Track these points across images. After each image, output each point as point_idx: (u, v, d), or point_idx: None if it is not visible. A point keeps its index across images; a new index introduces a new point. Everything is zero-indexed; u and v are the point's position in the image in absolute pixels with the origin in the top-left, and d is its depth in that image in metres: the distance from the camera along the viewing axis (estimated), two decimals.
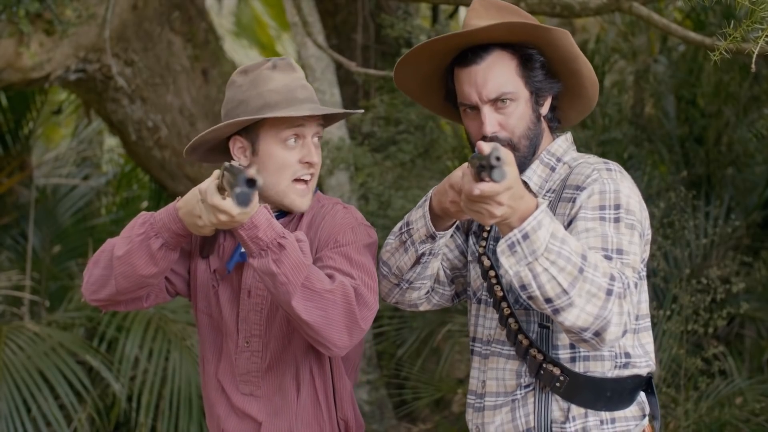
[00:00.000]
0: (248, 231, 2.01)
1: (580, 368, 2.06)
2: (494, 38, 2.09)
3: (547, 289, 1.79)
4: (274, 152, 2.22)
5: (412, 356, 5.15)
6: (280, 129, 2.22)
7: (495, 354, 2.15)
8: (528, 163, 2.13)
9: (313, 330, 2.05)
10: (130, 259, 2.14)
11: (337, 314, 2.04)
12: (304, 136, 2.23)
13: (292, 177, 2.23)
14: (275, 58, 2.32)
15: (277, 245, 2.01)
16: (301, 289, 2.01)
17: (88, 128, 6.87)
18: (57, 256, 5.85)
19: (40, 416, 4.38)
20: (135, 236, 2.14)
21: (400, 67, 2.22)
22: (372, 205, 4.85)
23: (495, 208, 1.73)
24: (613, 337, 1.87)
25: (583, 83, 2.16)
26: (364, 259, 2.17)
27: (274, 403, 2.26)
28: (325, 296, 2.03)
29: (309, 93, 2.26)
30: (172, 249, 2.15)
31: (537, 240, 1.77)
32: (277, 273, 2.00)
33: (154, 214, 2.16)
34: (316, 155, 2.25)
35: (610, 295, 1.83)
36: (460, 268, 2.30)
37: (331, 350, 2.09)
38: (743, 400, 4.29)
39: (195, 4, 5.41)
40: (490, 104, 2.09)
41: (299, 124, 2.22)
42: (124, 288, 2.18)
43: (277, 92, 2.22)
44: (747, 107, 5.35)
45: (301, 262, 2.02)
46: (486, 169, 1.66)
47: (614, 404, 2.07)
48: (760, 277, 4.83)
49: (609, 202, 2.00)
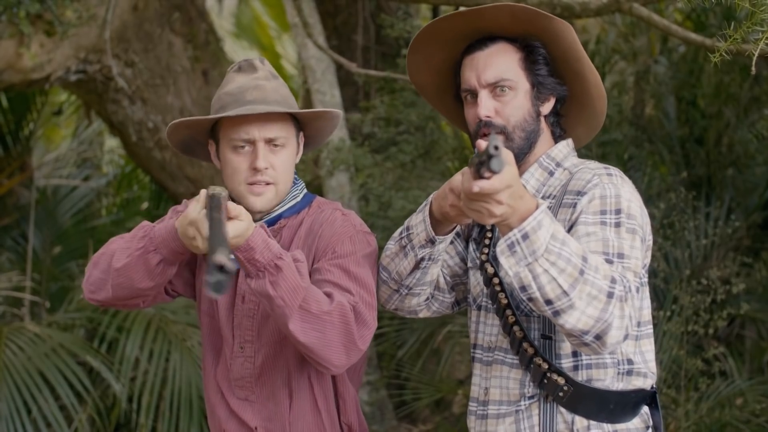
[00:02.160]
0: (245, 253, 1.98)
1: (583, 377, 2.05)
2: (499, 27, 2.10)
3: (547, 291, 1.78)
4: (227, 157, 2.20)
5: (412, 357, 5.15)
6: (230, 133, 2.18)
7: (498, 362, 2.14)
8: (523, 158, 2.13)
9: (311, 351, 2.03)
10: (128, 272, 2.13)
11: (335, 335, 2.02)
12: (254, 141, 2.17)
13: (244, 182, 2.19)
14: (247, 58, 2.29)
15: (274, 266, 1.98)
16: (298, 312, 2.00)
17: (88, 129, 6.87)
18: (57, 257, 5.85)
19: (40, 417, 4.38)
20: (134, 249, 2.13)
21: (411, 57, 2.22)
22: (372, 206, 4.85)
23: (494, 207, 1.72)
24: (614, 341, 1.85)
25: (589, 91, 2.15)
26: (363, 271, 2.14)
27: (268, 409, 2.25)
28: (323, 318, 2.01)
29: (261, 93, 2.18)
30: (171, 264, 2.13)
31: (537, 240, 1.76)
32: (274, 296, 1.98)
33: (155, 227, 2.15)
34: (263, 160, 2.16)
35: (611, 297, 1.82)
36: (460, 275, 2.29)
37: (330, 370, 2.08)
38: (744, 400, 4.29)
39: (195, 5, 5.41)
40: (489, 90, 2.10)
41: (245, 128, 2.16)
42: (121, 296, 2.19)
43: (230, 94, 2.19)
44: (747, 108, 5.36)
45: (298, 284, 1.99)
46: (485, 162, 1.65)
47: (617, 416, 2.06)
48: (760, 277, 4.83)
49: (610, 206, 1.99)
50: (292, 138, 2.24)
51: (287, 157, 2.22)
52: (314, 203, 2.31)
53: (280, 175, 2.21)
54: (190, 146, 2.33)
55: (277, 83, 2.23)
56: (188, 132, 2.27)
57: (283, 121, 2.20)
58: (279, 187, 2.22)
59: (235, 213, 1.97)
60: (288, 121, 2.22)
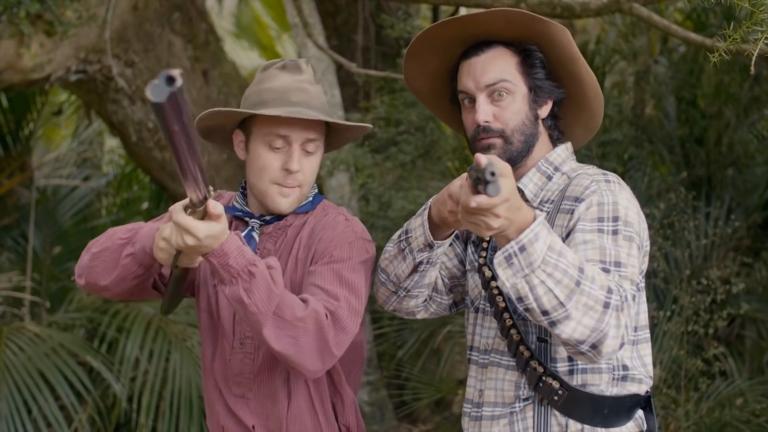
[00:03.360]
0: (219, 258, 1.96)
1: (578, 381, 2.05)
2: (496, 33, 2.10)
3: (543, 302, 1.79)
4: (259, 152, 2.20)
5: (412, 357, 5.15)
6: (268, 129, 2.18)
7: (494, 364, 2.14)
8: (521, 162, 2.13)
9: (285, 357, 2.03)
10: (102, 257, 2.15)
11: (309, 342, 2.02)
12: (291, 142, 2.18)
13: (271, 181, 2.19)
14: (293, 59, 2.29)
15: (247, 273, 1.96)
16: (272, 318, 1.99)
17: (88, 129, 6.88)
18: (57, 257, 5.85)
19: (40, 417, 4.38)
20: (116, 239, 2.14)
21: (408, 63, 2.22)
22: (372, 206, 4.85)
23: (492, 220, 1.72)
24: (610, 350, 1.86)
25: (586, 92, 2.15)
26: (356, 277, 2.14)
27: (265, 408, 2.25)
28: (296, 324, 2.00)
29: (305, 97, 2.19)
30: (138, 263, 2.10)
31: (534, 252, 1.76)
32: (248, 303, 1.97)
33: (144, 225, 2.16)
34: (297, 163, 2.18)
35: (607, 308, 1.82)
36: (458, 277, 2.29)
37: (305, 375, 2.08)
38: (744, 400, 4.30)
39: (195, 5, 5.41)
40: (487, 94, 2.10)
41: (286, 128, 2.17)
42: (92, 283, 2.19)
43: (272, 91, 2.19)
44: (747, 108, 5.36)
45: (272, 291, 1.98)
46: (482, 182, 1.66)
47: (611, 421, 2.07)
48: (760, 277, 4.83)
49: (607, 214, 1.99)
50: (321, 144, 2.26)
51: (316, 162, 2.25)
52: (320, 206, 2.31)
53: (307, 180, 2.23)
54: (212, 132, 2.33)
55: (318, 89, 2.25)
56: (221, 120, 2.26)
57: (319, 128, 2.22)
58: (303, 191, 2.24)
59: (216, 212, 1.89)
60: (322, 128, 2.24)
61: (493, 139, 2.09)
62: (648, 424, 2.12)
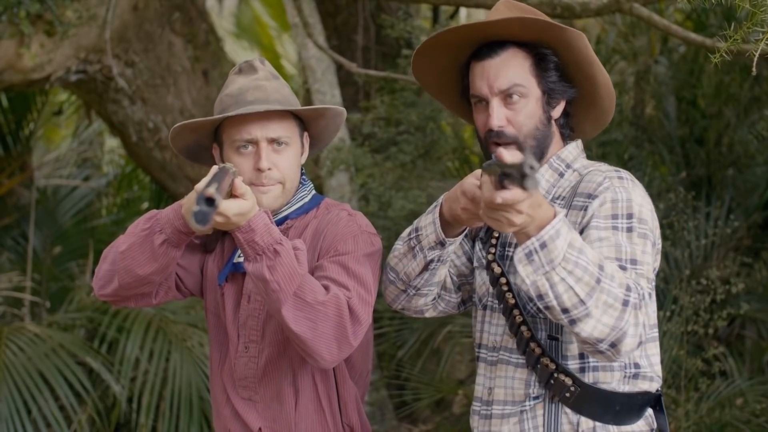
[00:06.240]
0: (245, 234, 1.98)
1: (590, 379, 2.05)
2: (509, 34, 2.09)
3: (564, 299, 1.78)
4: (231, 159, 2.19)
5: (412, 357, 5.15)
6: (233, 136, 2.18)
7: (503, 362, 2.13)
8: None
9: (301, 341, 2.02)
10: (132, 254, 2.12)
11: (327, 327, 2.01)
12: (257, 142, 2.17)
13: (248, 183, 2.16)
14: (247, 60, 2.28)
15: (272, 251, 1.98)
16: (292, 299, 1.99)
17: (88, 129, 6.88)
18: (57, 257, 5.85)
19: (40, 417, 4.38)
20: (139, 231, 2.13)
21: (417, 59, 2.21)
22: (372, 206, 4.85)
23: (515, 217, 1.71)
24: (628, 348, 1.85)
25: (598, 91, 2.14)
26: (363, 269, 2.13)
27: (272, 410, 2.25)
28: (317, 308, 2.00)
29: (261, 94, 2.18)
30: (175, 246, 2.11)
31: (555, 249, 1.75)
32: (270, 280, 1.97)
33: (161, 210, 2.14)
34: (266, 161, 2.16)
35: (626, 306, 1.81)
36: (467, 275, 2.28)
37: (319, 363, 2.07)
38: (744, 401, 4.30)
39: (195, 5, 5.41)
40: (500, 98, 2.08)
41: (248, 129, 2.16)
42: (127, 283, 2.16)
43: (231, 96, 2.19)
44: (747, 108, 5.36)
45: (295, 271, 1.99)
46: (514, 177, 1.63)
47: (622, 418, 2.06)
48: (760, 278, 4.83)
49: (621, 211, 1.98)
50: (295, 137, 2.23)
51: (291, 156, 2.22)
52: (322, 205, 2.30)
53: (285, 174, 2.20)
54: (195, 151, 2.33)
55: (278, 83, 2.23)
56: (193, 136, 2.26)
57: (286, 120, 2.20)
58: (286, 186, 2.21)
59: (241, 191, 1.97)
60: (290, 120, 2.22)
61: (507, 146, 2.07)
62: (658, 423, 2.11)
